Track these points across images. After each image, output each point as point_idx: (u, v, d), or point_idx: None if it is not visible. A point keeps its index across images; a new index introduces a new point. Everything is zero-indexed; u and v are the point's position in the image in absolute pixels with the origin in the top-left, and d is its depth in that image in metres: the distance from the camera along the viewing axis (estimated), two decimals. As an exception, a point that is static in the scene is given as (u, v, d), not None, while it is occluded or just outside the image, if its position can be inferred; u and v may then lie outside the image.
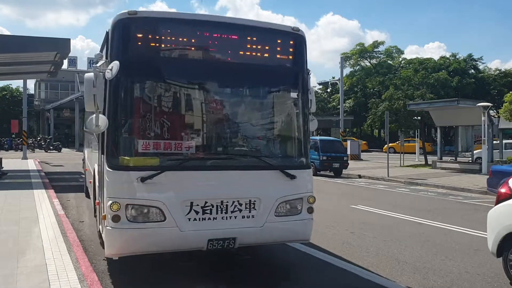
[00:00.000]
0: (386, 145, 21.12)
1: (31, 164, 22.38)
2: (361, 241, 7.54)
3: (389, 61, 54.18)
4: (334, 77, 48.83)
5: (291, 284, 5.48)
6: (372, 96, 48.54)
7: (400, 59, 54.82)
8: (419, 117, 26.49)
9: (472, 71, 49.36)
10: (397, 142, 31.04)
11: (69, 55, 20.57)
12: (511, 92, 21.41)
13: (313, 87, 6.07)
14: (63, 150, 38.92)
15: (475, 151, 23.44)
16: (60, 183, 14.52)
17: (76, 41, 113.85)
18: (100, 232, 5.75)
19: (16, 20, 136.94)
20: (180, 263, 5.95)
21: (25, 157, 26.04)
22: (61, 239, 6.77)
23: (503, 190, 5.67)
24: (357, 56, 54.26)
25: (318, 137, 23.34)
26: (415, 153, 32.03)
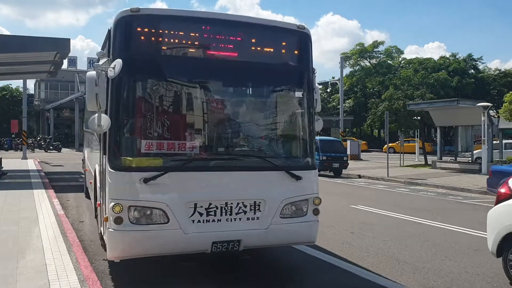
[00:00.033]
0: (386, 145, 21.12)
1: (31, 164, 22.36)
2: (361, 241, 7.55)
3: (389, 61, 54.15)
4: (334, 77, 48.91)
5: (294, 285, 5.47)
6: (372, 96, 48.55)
7: (400, 59, 54.82)
8: (419, 117, 26.50)
9: (472, 71, 49.39)
10: (397, 142, 31.03)
11: (69, 55, 20.57)
12: (511, 92, 21.40)
13: (318, 86, 5.95)
14: (63, 150, 38.89)
15: (475, 151, 23.44)
16: (60, 183, 14.52)
17: (76, 41, 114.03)
18: (101, 234, 5.67)
19: (16, 20, 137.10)
20: (183, 263, 5.87)
21: (25, 157, 26.02)
22: (61, 239, 6.76)
23: (503, 190, 5.67)
24: (357, 56, 54.23)
25: (318, 137, 23.28)
26: (415, 153, 32.04)
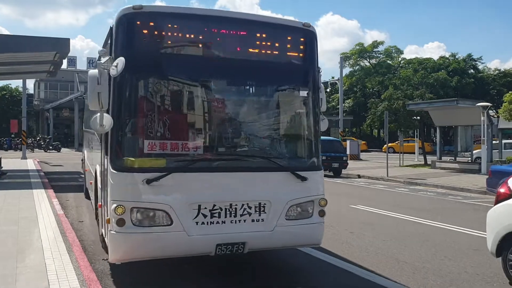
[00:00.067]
0: (385, 145, 21.12)
1: (31, 164, 22.34)
2: (360, 241, 7.55)
3: (388, 61, 54.20)
4: (333, 77, 48.86)
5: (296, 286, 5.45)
6: (372, 96, 48.58)
7: (400, 59, 54.88)
8: (418, 117, 26.51)
9: (472, 71, 49.44)
10: (397, 142, 30.99)
11: (69, 54, 20.50)
12: (510, 92, 21.43)
13: (323, 85, 5.86)
14: (63, 150, 38.86)
15: (474, 151, 23.45)
16: (59, 183, 14.51)
17: (75, 40, 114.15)
18: (102, 236, 5.59)
19: (16, 20, 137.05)
20: (184, 265, 5.78)
21: (24, 157, 25.99)
22: (61, 239, 6.75)
23: (502, 190, 5.67)
24: (356, 56, 54.27)
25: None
26: (414, 153, 32.08)
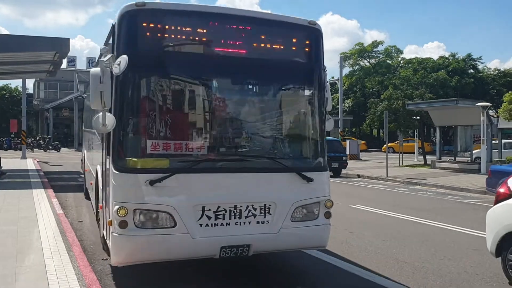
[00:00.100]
0: (385, 145, 21.10)
1: (30, 163, 22.33)
2: (360, 241, 7.55)
3: (388, 61, 54.21)
4: (333, 77, 48.70)
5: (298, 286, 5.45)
6: (371, 96, 48.55)
7: (399, 58, 54.88)
8: (418, 117, 26.51)
9: (471, 70, 49.45)
10: (396, 142, 31.01)
11: (68, 54, 20.52)
12: (510, 92, 21.37)
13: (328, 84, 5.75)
14: (62, 149, 38.82)
15: (474, 151, 23.47)
16: (59, 183, 14.51)
17: (75, 40, 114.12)
18: (104, 238, 5.51)
19: (15, 20, 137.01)
20: (187, 267, 5.71)
21: (24, 157, 25.98)
22: (60, 238, 6.75)
23: (502, 190, 5.67)
24: (356, 56, 54.27)
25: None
26: (414, 153, 32.07)
